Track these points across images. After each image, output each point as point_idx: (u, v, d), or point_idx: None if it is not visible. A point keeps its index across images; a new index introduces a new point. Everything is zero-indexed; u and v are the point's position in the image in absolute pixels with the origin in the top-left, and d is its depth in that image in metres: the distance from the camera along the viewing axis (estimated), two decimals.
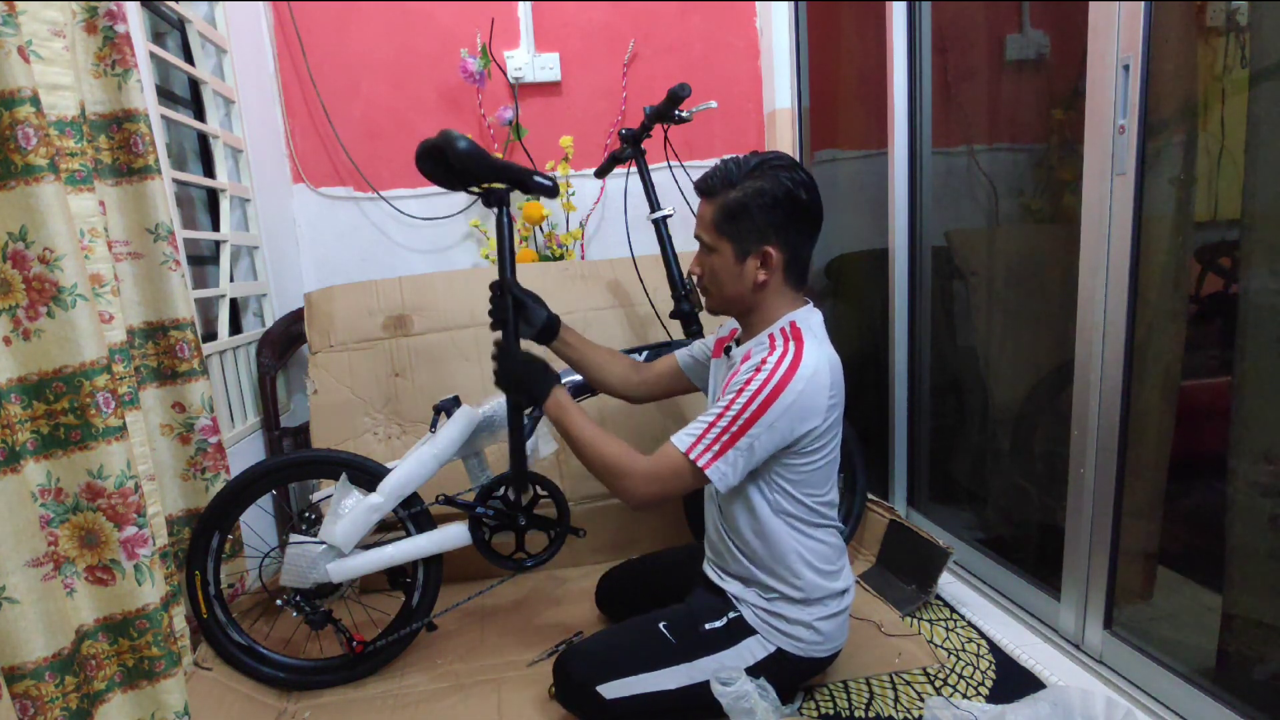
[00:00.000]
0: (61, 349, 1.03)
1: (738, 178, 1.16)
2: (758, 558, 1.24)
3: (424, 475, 1.44)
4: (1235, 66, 1.18)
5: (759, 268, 1.17)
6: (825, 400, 1.14)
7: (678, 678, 1.23)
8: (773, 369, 1.11)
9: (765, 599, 1.25)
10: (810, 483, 1.20)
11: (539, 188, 1.30)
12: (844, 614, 1.28)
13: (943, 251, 1.87)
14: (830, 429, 1.18)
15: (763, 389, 1.10)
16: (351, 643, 1.45)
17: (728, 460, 1.12)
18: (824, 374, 1.13)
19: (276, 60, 2.17)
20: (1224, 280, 1.27)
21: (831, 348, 1.20)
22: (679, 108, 1.63)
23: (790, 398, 1.10)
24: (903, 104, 1.86)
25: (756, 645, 1.24)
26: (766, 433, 1.11)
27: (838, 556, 1.27)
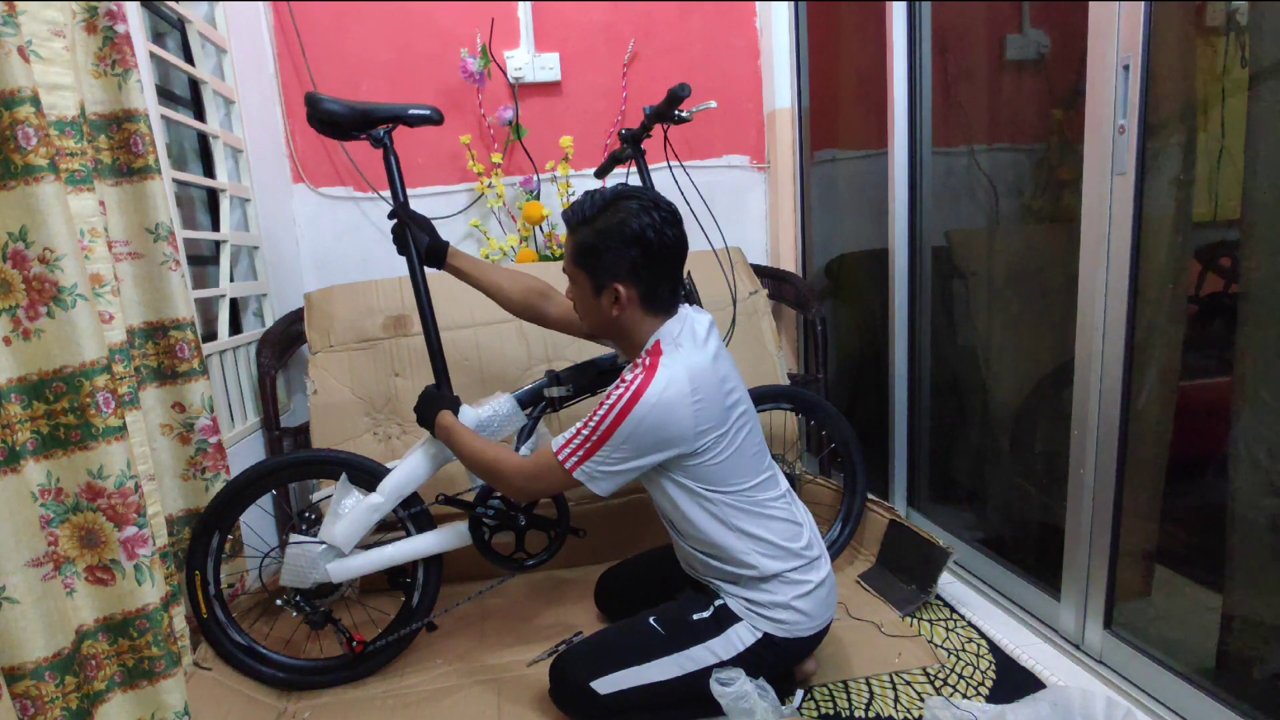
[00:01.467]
0: (61, 349, 1.03)
1: (590, 215, 1.20)
2: (711, 556, 1.27)
3: (424, 475, 1.44)
4: (1235, 66, 1.18)
5: (613, 303, 1.21)
6: (687, 409, 1.15)
7: (669, 668, 1.25)
8: (623, 390, 1.15)
9: (740, 589, 1.27)
10: (719, 479, 1.22)
11: (417, 118, 1.41)
12: (822, 588, 1.28)
13: (943, 251, 1.88)
14: (713, 429, 1.18)
15: (614, 408, 1.15)
16: (351, 643, 1.45)
17: (594, 465, 1.17)
18: (678, 384, 1.14)
19: (276, 60, 2.17)
20: (1224, 280, 1.27)
21: (699, 351, 1.19)
22: (679, 108, 1.63)
23: (638, 416, 1.13)
24: (903, 104, 1.86)
25: (744, 631, 1.26)
26: (625, 448, 1.15)
27: (791, 536, 1.27)
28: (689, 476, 1.22)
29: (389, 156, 1.44)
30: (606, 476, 1.18)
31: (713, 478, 1.22)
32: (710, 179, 2.35)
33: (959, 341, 1.90)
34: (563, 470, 1.19)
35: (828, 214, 2.35)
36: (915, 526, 1.70)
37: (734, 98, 2.36)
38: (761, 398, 1.77)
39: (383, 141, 1.43)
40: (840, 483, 1.88)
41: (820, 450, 2.07)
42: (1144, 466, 1.31)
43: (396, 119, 1.42)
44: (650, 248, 1.17)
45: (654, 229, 1.17)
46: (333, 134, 1.44)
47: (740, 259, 2.15)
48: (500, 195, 2.21)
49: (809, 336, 2.21)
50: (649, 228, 1.17)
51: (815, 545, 1.31)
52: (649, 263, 1.18)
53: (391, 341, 1.89)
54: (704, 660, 1.25)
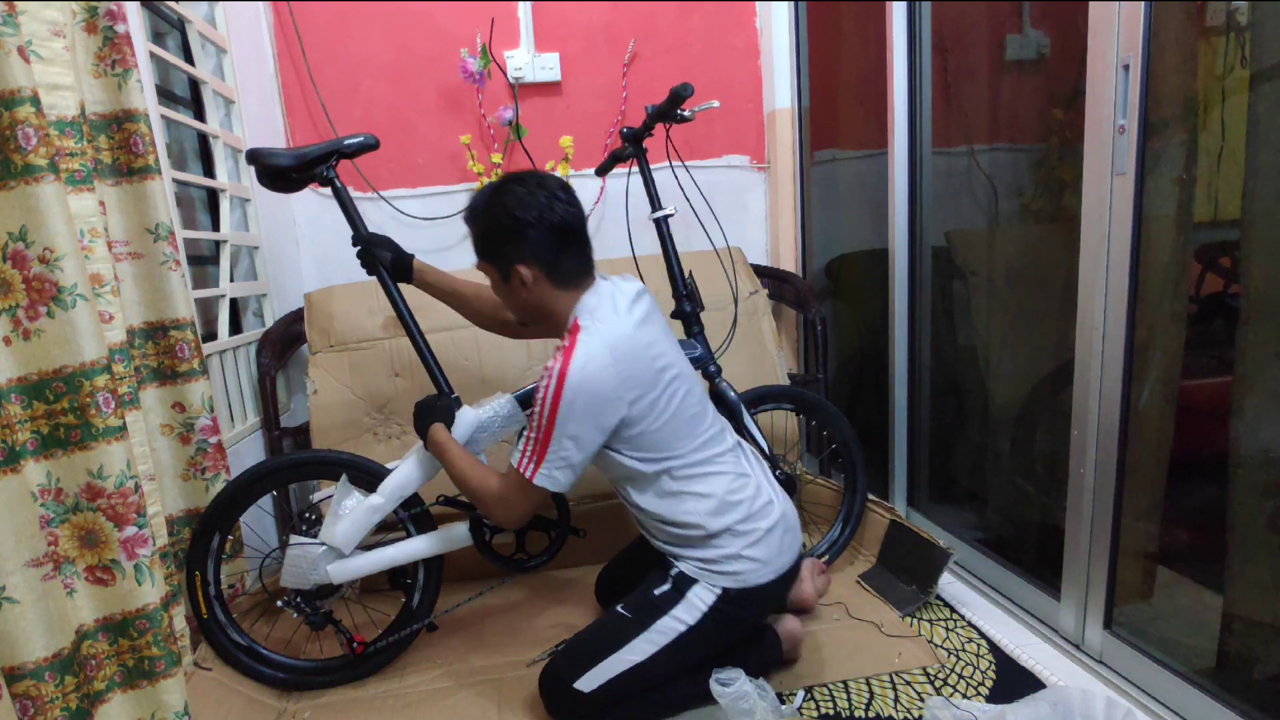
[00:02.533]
0: (61, 349, 1.03)
1: (480, 209, 1.26)
2: (660, 521, 1.30)
3: (424, 476, 1.44)
4: (1235, 66, 1.18)
5: (521, 285, 1.25)
6: (612, 379, 1.17)
7: (643, 648, 1.26)
8: (548, 381, 1.17)
9: (692, 549, 1.29)
10: (660, 445, 1.24)
11: (354, 149, 1.46)
12: (773, 533, 1.29)
13: (943, 251, 1.88)
14: (644, 394, 1.20)
15: (547, 399, 1.17)
16: (352, 643, 1.45)
17: (549, 464, 1.19)
18: (598, 358, 1.17)
19: (276, 60, 2.17)
20: (1224, 280, 1.27)
21: (616, 320, 1.22)
22: (681, 107, 1.63)
23: (568, 401, 1.16)
24: (903, 104, 1.86)
25: (703, 591, 1.27)
26: (569, 437, 1.18)
27: (737, 488, 1.28)
28: (631, 447, 1.23)
29: (337, 189, 1.49)
30: (564, 470, 1.20)
31: (653, 445, 1.24)
32: (710, 179, 2.35)
33: (959, 341, 1.90)
34: (525, 482, 1.21)
35: (828, 214, 2.35)
36: (916, 527, 1.70)
37: (734, 98, 2.36)
38: (762, 398, 1.77)
39: (329, 179, 1.48)
40: (840, 483, 1.88)
41: (820, 450, 2.07)
42: (1144, 466, 1.31)
43: (335, 154, 1.46)
44: (540, 226, 1.21)
45: (539, 208, 1.21)
46: (284, 187, 1.49)
47: (740, 259, 2.15)
48: None
49: (809, 336, 2.21)
50: (535, 207, 1.21)
51: (764, 492, 1.32)
52: (543, 240, 1.22)
53: (391, 341, 1.89)
54: (674, 630, 1.26)
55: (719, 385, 1.65)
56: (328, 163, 1.46)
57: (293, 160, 1.43)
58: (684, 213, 1.76)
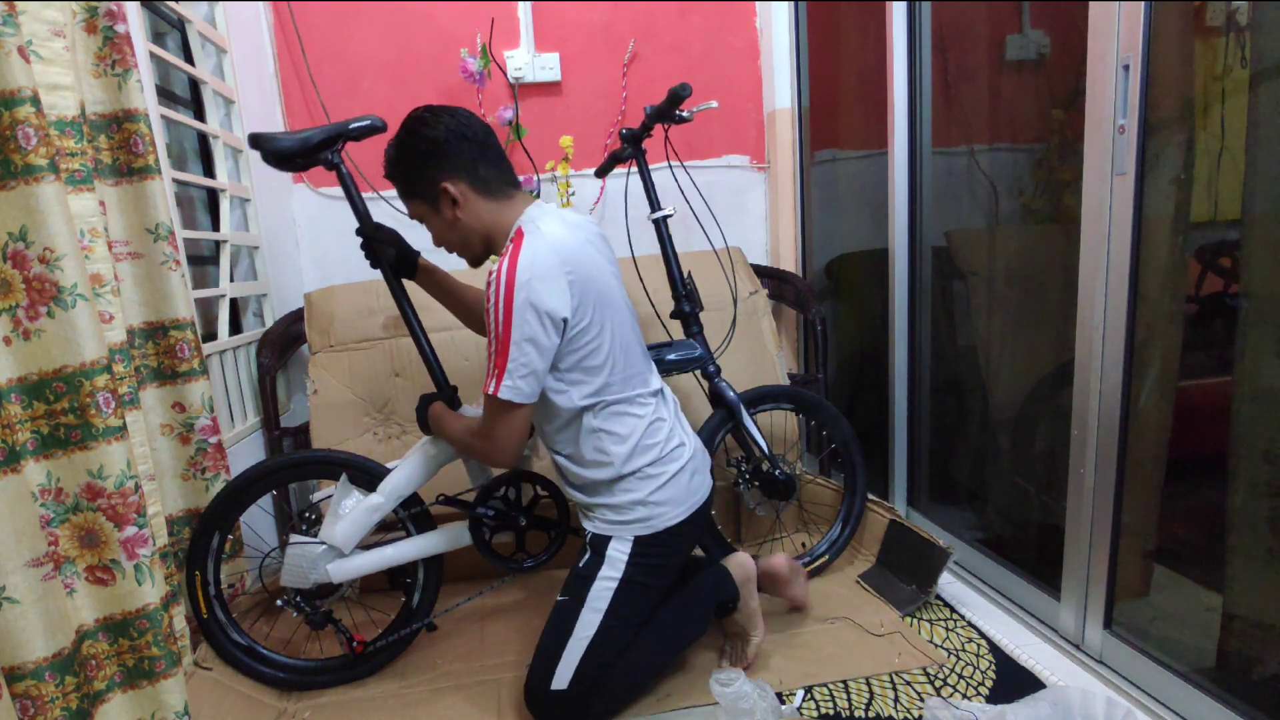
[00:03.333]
0: (61, 349, 1.03)
1: (393, 152, 1.30)
2: (571, 460, 1.32)
3: (424, 476, 1.44)
4: (1235, 66, 1.18)
5: (452, 206, 1.27)
6: (559, 274, 1.17)
7: (589, 620, 1.28)
8: (496, 279, 1.17)
9: (601, 497, 1.31)
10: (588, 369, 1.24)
11: (360, 132, 1.43)
12: (680, 475, 1.32)
13: (943, 251, 1.87)
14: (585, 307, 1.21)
15: (498, 299, 1.16)
16: (352, 643, 1.45)
17: (511, 374, 1.18)
18: (544, 257, 1.17)
19: (276, 60, 2.17)
20: (1224, 280, 1.27)
21: (562, 229, 1.23)
22: (680, 107, 1.63)
23: (521, 291, 1.15)
24: (903, 104, 1.86)
25: (619, 545, 1.30)
26: (527, 330, 1.16)
27: (650, 431, 1.30)
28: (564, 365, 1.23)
29: (343, 175, 1.46)
30: (527, 379, 1.19)
31: (584, 366, 1.24)
32: (710, 179, 2.35)
33: (959, 341, 1.90)
34: (496, 402, 1.21)
35: (828, 214, 2.35)
36: (915, 527, 1.70)
37: (734, 98, 2.36)
38: (761, 398, 1.77)
39: (334, 163, 1.44)
40: (840, 483, 1.88)
41: (820, 450, 2.07)
42: (1144, 466, 1.31)
43: (341, 136, 1.43)
44: (452, 139, 1.24)
45: (444, 125, 1.24)
46: (288, 167, 1.45)
47: (740, 259, 2.15)
48: None
49: (809, 336, 2.21)
50: (440, 125, 1.25)
51: (675, 436, 1.34)
52: (459, 152, 1.25)
53: (391, 341, 1.89)
54: (608, 589, 1.28)
55: (718, 385, 1.65)
56: (333, 147, 1.43)
57: (296, 144, 1.40)
58: (684, 213, 1.76)
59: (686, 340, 1.67)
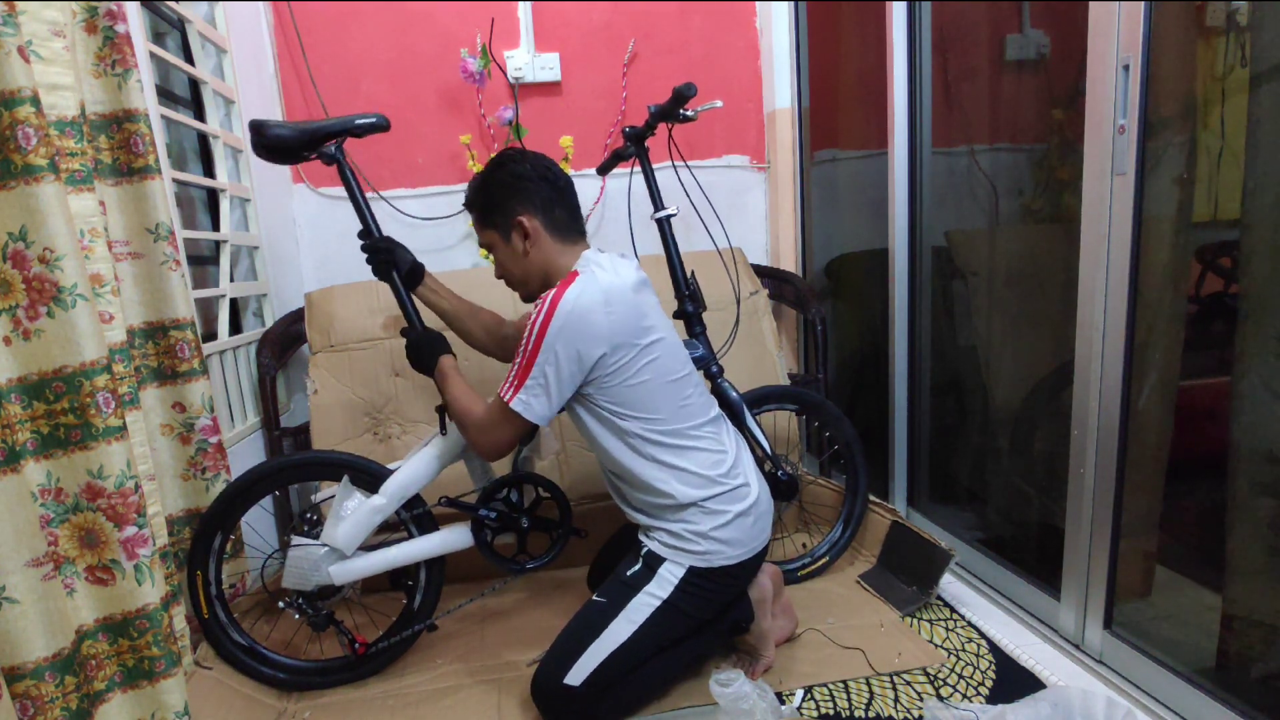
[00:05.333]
0: (61, 349, 1.03)
1: (479, 182, 1.38)
2: (630, 485, 1.34)
3: (426, 477, 1.44)
4: (1235, 66, 1.18)
5: (524, 239, 1.33)
6: (601, 315, 1.22)
7: (622, 629, 1.28)
8: (542, 303, 1.23)
9: (661, 521, 1.32)
10: (637, 404, 1.27)
11: (364, 128, 1.42)
12: (745, 517, 1.32)
13: (943, 251, 1.88)
14: (628, 343, 1.25)
15: (537, 321, 1.22)
16: (354, 644, 1.45)
17: (527, 390, 1.23)
18: (591, 294, 1.23)
19: (276, 60, 2.17)
20: (1224, 280, 1.27)
21: (614, 275, 1.28)
22: (684, 107, 1.63)
23: (557, 325, 1.21)
24: (903, 104, 1.86)
25: (672, 568, 1.30)
26: (553, 358, 1.21)
27: (712, 464, 1.32)
28: (609, 399, 1.27)
29: (345, 171, 1.45)
30: (540, 399, 1.23)
31: (630, 401, 1.27)
32: (710, 179, 2.35)
33: (959, 341, 1.90)
34: (503, 407, 1.25)
35: (828, 214, 2.35)
36: (917, 528, 1.70)
37: (734, 98, 2.36)
38: (764, 398, 1.77)
39: (335, 157, 1.43)
40: (841, 484, 1.88)
41: (821, 451, 2.07)
42: (1144, 466, 1.31)
43: (344, 131, 1.41)
44: (535, 179, 1.33)
45: (532, 164, 1.34)
46: (281, 159, 1.42)
47: (740, 259, 2.15)
48: None
49: (809, 336, 2.21)
50: (528, 163, 1.34)
51: (739, 473, 1.35)
52: (539, 191, 1.33)
53: (391, 341, 1.89)
54: (649, 606, 1.29)
55: (721, 385, 1.65)
56: (335, 141, 1.42)
57: (294, 134, 1.37)
58: (684, 213, 1.76)
59: (689, 340, 1.67)
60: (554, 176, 1.35)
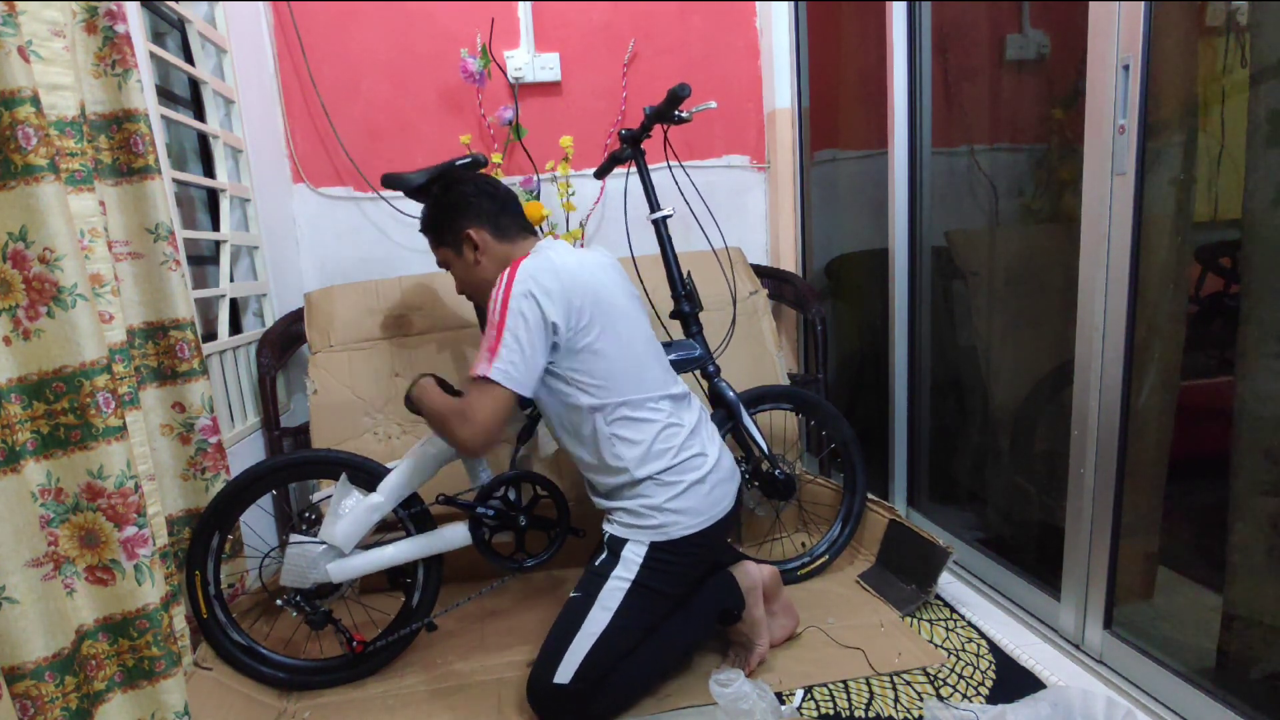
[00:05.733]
0: (61, 349, 1.03)
1: (428, 210, 1.46)
2: (594, 467, 1.36)
3: (424, 475, 1.44)
4: (1235, 66, 1.18)
5: (474, 250, 1.40)
6: (554, 280, 1.26)
7: (598, 618, 1.29)
8: (500, 278, 1.28)
9: (618, 501, 1.34)
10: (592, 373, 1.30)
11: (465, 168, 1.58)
12: (700, 485, 1.33)
13: (943, 251, 1.87)
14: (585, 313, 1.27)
15: (499, 292, 1.26)
16: (352, 643, 1.45)
17: (501, 358, 1.23)
18: (544, 262, 1.28)
19: (276, 60, 2.17)
20: (1224, 280, 1.27)
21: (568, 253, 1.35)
22: (679, 108, 1.63)
23: (520, 285, 1.24)
24: (903, 104, 1.86)
25: (635, 548, 1.32)
26: (520, 320, 1.23)
27: (666, 437, 1.33)
28: (569, 366, 1.29)
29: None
30: (517, 366, 1.24)
31: (588, 370, 1.29)
32: (710, 179, 2.35)
33: (959, 341, 1.90)
34: (485, 383, 1.24)
35: (828, 214, 2.35)
36: (915, 526, 1.70)
37: (734, 98, 2.36)
38: (761, 398, 1.77)
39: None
40: (840, 483, 1.88)
41: (820, 450, 2.07)
42: (1144, 466, 1.31)
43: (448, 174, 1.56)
44: (479, 194, 1.40)
45: (474, 183, 1.42)
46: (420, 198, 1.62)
47: (740, 259, 2.15)
48: None
49: (809, 336, 2.21)
50: (470, 182, 1.42)
51: (694, 444, 1.36)
52: (483, 204, 1.40)
53: (391, 341, 1.89)
54: (620, 589, 1.30)
55: (717, 385, 1.66)
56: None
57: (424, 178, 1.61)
58: (684, 213, 1.76)
59: (686, 340, 1.67)
60: (494, 190, 1.42)
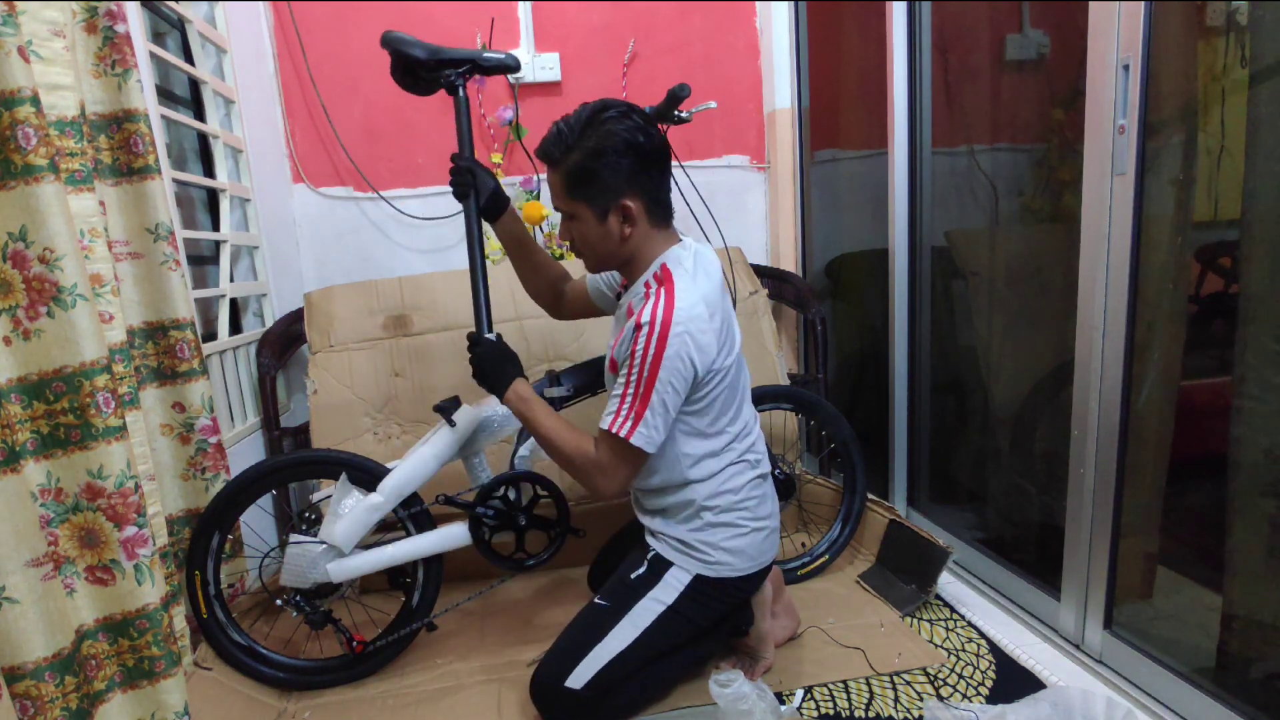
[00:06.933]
0: (61, 349, 1.03)
1: (573, 140, 1.16)
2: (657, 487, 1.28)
3: (424, 475, 1.44)
4: (1235, 66, 1.18)
5: (622, 222, 1.19)
6: (709, 332, 1.16)
7: (626, 633, 1.26)
8: (650, 324, 1.13)
9: (672, 527, 1.29)
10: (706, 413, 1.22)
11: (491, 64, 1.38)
12: (756, 534, 1.30)
13: (943, 251, 1.87)
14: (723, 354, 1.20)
15: (649, 347, 1.12)
16: (351, 643, 1.45)
17: (647, 423, 1.15)
18: (698, 308, 1.15)
19: (276, 60, 2.17)
20: (1224, 280, 1.27)
21: (706, 280, 1.20)
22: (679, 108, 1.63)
23: (674, 346, 1.12)
24: (903, 104, 1.86)
25: (679, 573, 1.28)
26: (670, 381, 1.14)
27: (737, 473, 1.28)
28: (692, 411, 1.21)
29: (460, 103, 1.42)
30: (658, 428, 1.16)
31: (704, 411, 1.22)
32: (710, 179, 2.35)
33: (959, 341, 1.90)
34: (624, 444, 1.16)
35: (828, 214, 2.35)
36: (915, 526, 1.70)
37: (734, 98, 2.36)
38: (761, 398, 1.77)
39: (456, 85, 1.41)
40: (840, 483, 1.88)
41: (820, 450, 2.07)
42: (1144, 466, 1.31)
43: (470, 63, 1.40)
44: (642, 153, 1.15)
45: (642, 132, 1.15)
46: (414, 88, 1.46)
47: (740, 259, 2.15)
48: None
49: (809, 336, 2.21)
50: (638, 130, 1.15)
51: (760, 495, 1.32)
52: (647, 168, 1.17)
53: (391, 341, 1.89)
54: (653, 610, 1.27)
55: None
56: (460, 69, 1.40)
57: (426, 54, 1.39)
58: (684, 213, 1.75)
59: None
60: (660, 148, 1.17)
